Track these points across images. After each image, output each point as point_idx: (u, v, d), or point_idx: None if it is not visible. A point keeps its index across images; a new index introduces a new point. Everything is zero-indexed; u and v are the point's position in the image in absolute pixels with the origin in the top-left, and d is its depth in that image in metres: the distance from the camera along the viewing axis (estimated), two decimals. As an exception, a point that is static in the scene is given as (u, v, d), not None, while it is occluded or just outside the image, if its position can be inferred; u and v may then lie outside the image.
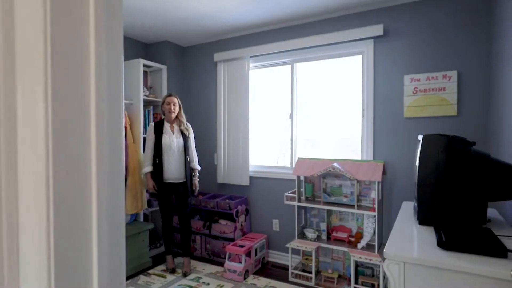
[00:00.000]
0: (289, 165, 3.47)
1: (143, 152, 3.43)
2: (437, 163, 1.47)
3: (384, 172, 2.75)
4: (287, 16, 3.12)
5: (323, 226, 2.98)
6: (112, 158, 0.56)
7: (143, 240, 3.22)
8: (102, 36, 0.55)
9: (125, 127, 3.25)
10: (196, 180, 3.18)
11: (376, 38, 2.89)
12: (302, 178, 3.08)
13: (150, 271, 3.14)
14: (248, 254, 3.10)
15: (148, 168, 3.01)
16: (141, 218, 3.43)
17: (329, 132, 3.33)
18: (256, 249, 3.19)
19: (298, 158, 3.10)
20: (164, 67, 3.71)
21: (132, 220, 3.32)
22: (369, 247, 2.74)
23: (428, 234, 1.40)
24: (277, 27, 3.39)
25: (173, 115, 3.02)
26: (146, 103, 3.69)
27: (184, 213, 3.10)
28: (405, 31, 2.78)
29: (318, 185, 3.03)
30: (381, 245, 2.83)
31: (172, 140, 2.98)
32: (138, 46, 3.83)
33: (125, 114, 3.27)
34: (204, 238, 3.48)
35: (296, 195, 2.98)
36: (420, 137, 1.57)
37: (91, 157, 0.53)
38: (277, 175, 3.44)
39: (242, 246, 3.09)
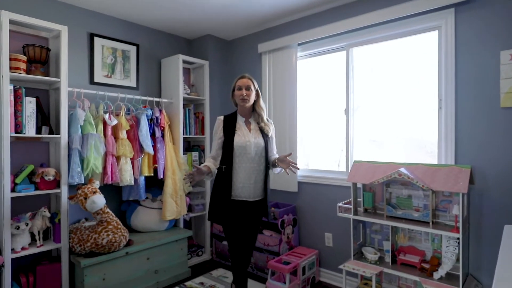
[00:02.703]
0: (344, 169, 2.93)
1: (182, 153, 3.21)
2: None
3: (471, 181, 2.08)
4: (340, -9, 2.61)
5: (387, 245, 2.40)
6: None
7: (182, 248, 2.98)
8: None
9: (163, 127, 3.06)
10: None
11: (458, 6, 2.23)
12: (359, 185, 2.54)
13: (187, 283, 2.88)
14: (294, 272, 2.66)
15: (207, 163, 2.12)
16: (181, 224, 3.21)
17: (395, 130, 2.72)
18: (304, 267, 2.72)
19: (354, 161, 2.56)
20: (206, 63, 3.46)
21: (171, 226, 3.11)
22: (449, 277, 2.10)
23: None
24: (328, 7, 2.89)
25: (248, 105, 2.14)
26: (187, 102, 3.48)
27: (250, 240, 2.19)
28: (502, -8, 2.08)
29: (380, 194, 2.46)
30: (467, 276, 2.16)
31: (248, 140, 2.08)
32: (180, 43, 3.64)
33: (163, 113, 3.07)
34: (247, 249, 3.12)
35: (352, 206, 2.46)
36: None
37: None
38: (330, 181, 2.93)
39: (287, 263, 2.66)
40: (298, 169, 2.15)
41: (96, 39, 2.90)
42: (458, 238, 2.02)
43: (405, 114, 2.65)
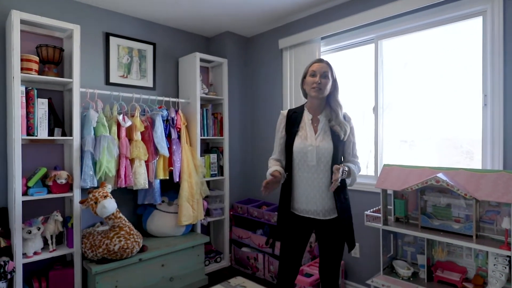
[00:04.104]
0: (372, 173, 2.68)
1: (200, 156, 3.08)
2: None
3: (525, 189, 1.78)
4: (367, -22, 2.37)
5: (422, 260, 2.14)
6: None
7: (198, 255, 2.85)
8: None
9: (179, 128, 2.95)
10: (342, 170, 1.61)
11: (507, -13, 1.94)
12: (390, 191, 2.29)
13: (204, 292, 2.75)
14: (316, 285, 2.45)
15: (274, 167, 1.73)
16: (198, 229, 3.08)
17: (428, 129, 2.44)
18: (328, 280, 2.50)
19: (384, 165, 2.31)
20: (224, 61, 3.32)
21: (188, 231, 2.99)
22: (498, 301, 1.81)
23: None
24: (354, -3, 2.65)
25: (321, 96, 1.71)
26: (205, 102, 3.35)
27: (330, 273, 1.79)
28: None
29: (414, 202, 2.20)
30: (520, 300, 1.86)
31: (310, 144, 1.70)
32: (198, 41, 3.52)
33: (179, 114, 2.96)
34: (267, 258, 2.95)
35: (381, 215, 2.21)
36: None
37: None
38: (357, 186, 2.67)
39: (309, 275, 2.45)
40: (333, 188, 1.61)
41: (111, 38, 2.83)
42: (509, 256, 1.74)
43: (440, 111, 2.37)
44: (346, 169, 1.66)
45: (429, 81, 2.42)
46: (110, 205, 2.22)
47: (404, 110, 2.54)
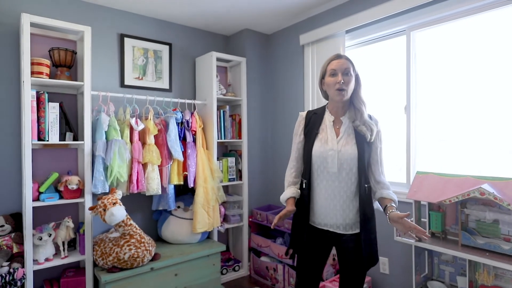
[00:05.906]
0: (404, 181, 2.40)
1: (216, 159, 2.94)
2: None
3: None
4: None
5: (462, 282, 1.86)
6: None
7: (214, 264, 2.71)
8: None
9: (195, 131, 2.82)
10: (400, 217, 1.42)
11: None
12: (424, 202, 2.01)
13: (219, 304, 2.60)
14: (340, 304, 2.22)
15: (289, 192, 1.61)
16: (215, 237, 2.94)
17: (469, 131, 2.13)
18: (352, 298, 2.26)
19: (417, 172, 2.04)
20: (243, 60, 3.16)
21: (204, 238, 2.86)
22: None
23: None
24: (383, -16, 2.39)
25: (346, 98, 1.52)
26: (223, 103, 3.22)
27: None
28: None
29: (453, 216, 1.91)
30: None
31: (330, 148, 1.52)
32: (216, 40, 3.39)
33: (194, 116, 2.84)
34: (287, 269, 2.75)
35: (413, 229, 1.94)
36: None
37: None
38: (386, 194, 2.42)
39: (331, 292, 2.23)
40: (429, 237, 1.56)
41: (126, 40, 2.77)
42: None
43: (485, 112, 2.05)
44: (394, 206, 1.52)
45: (469, 76, 2.10)
46: (119, 212, 2.13)
47: (439, 109, 2.24)
